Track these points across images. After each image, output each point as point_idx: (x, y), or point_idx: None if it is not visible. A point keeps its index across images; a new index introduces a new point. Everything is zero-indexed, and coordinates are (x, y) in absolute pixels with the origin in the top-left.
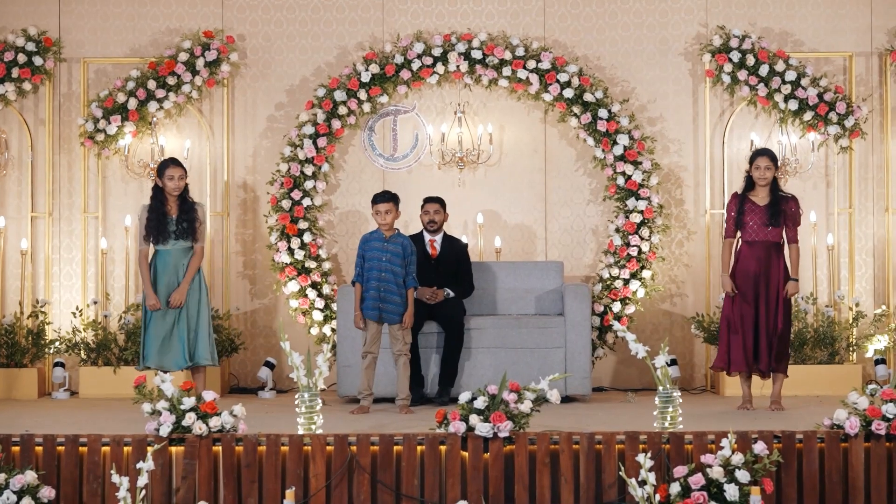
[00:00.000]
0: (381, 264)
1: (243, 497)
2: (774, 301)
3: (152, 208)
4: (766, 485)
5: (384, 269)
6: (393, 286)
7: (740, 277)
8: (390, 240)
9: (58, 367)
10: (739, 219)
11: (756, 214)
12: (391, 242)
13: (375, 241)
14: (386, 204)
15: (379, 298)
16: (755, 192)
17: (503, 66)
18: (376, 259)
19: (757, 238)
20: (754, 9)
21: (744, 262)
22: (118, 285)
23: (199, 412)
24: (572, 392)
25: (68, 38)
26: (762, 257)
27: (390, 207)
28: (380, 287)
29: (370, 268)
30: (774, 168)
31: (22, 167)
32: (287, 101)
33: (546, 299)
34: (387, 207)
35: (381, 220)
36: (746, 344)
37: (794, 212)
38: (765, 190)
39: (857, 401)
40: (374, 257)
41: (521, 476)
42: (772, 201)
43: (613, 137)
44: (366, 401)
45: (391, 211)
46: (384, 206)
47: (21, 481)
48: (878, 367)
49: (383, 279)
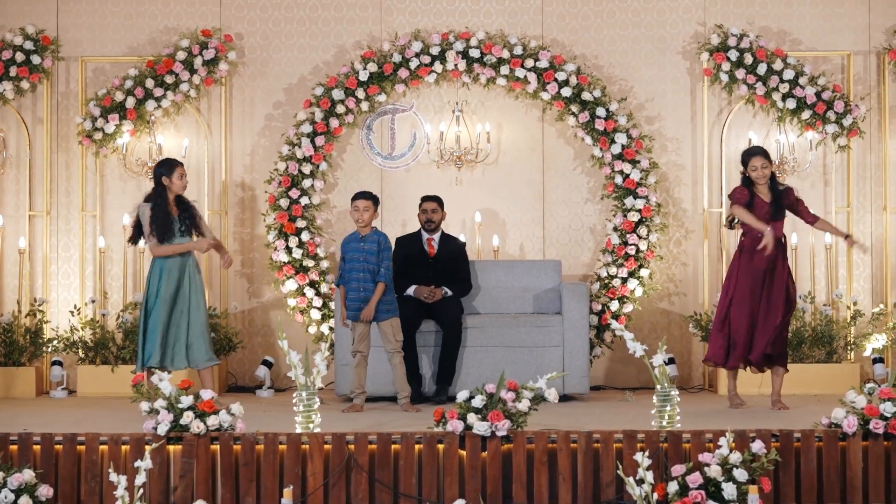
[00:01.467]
0: (359, 264)
1: (241, 496)
2: (777, 295)
3: (157, 206)
4: (763, 484)
5: (361, 269)
6: (371, 284)
7: (745, 271)
8: (366, 238)
9: (56, 366)
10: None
11: (762, 209)
12: (366, 241)
13: (353, 242)
14: (365, 201)
15: (359, 298)
16: (757, 190)
17: (501, 64)
18: (355, 259)
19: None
20: (752, 8)
21: (748, 256)
22: (116, 284)
23: (197, 411)
24: (570, 391)
25: (66, 36)
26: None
27: (368, 205)
28: (359, 287)
29: (350, 269)
30: (770, 164)
31: (20, 166)
32: (285, 99)
33: (544, 298)
34: (365, 204)
35: (358, 217)
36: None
37: (793, 199)
38: (765, 187)
39: (854, 400)
40: (353, 258)
41: (519, 475)
42: (773, 197)
43: (611, 136)
44: (358, 399)
45: (369, 209)
46: (363, 203)
47: (19, 480)
48: (875, 366)
49: (361, 279)
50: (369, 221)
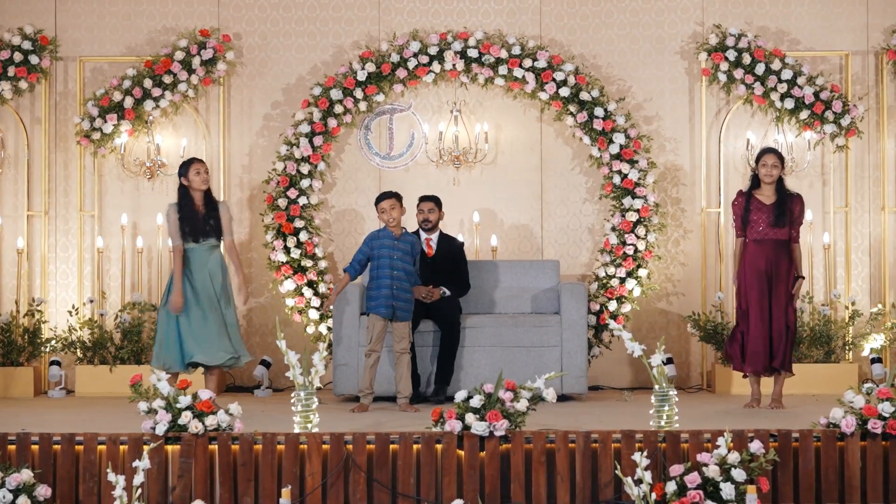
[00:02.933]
0: (394, 262)
1: (239, 495)
2: (784, 298)
3: (182, 206)
4: (762, 483)
5: (396, 268)
6: (405, 283)
7: (750, 276)
8: (401, 238)
9: (54, 366)
10: (746, 216)
11: (763, 213)
12: (401, 241)
13: (386, 240)
14: (389, 200)
15: (392, 297)
16: (761, 191)
17: (499, 64)
18: (387, 257)
19: (766, 237)
20: (750, 7)
21: (753, 260)
22: (114, 284)
23: (196, 411)
24: (568, 391)
25: (64, 36)
26: (771, 256)
27: (394, 203)
28: (392, 285)
29: (381, 265)
30: (781, 166)
31: (18, 166)
32: (283, 99)
33: (542, 298)
34: (391, 203)
35: (388, 218)
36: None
37: (797, 214)
38: (770, 188)
39: (853, 399)
40: (385, 255)
41: (518, 475)
42: (778, 200)
43: (610, 136)
44: (366, 399)
45: (395, 207)
46: (388, 203)
47: (17, 480)
48: (874, 366)
49: (396, 277)
50: (399, 220)
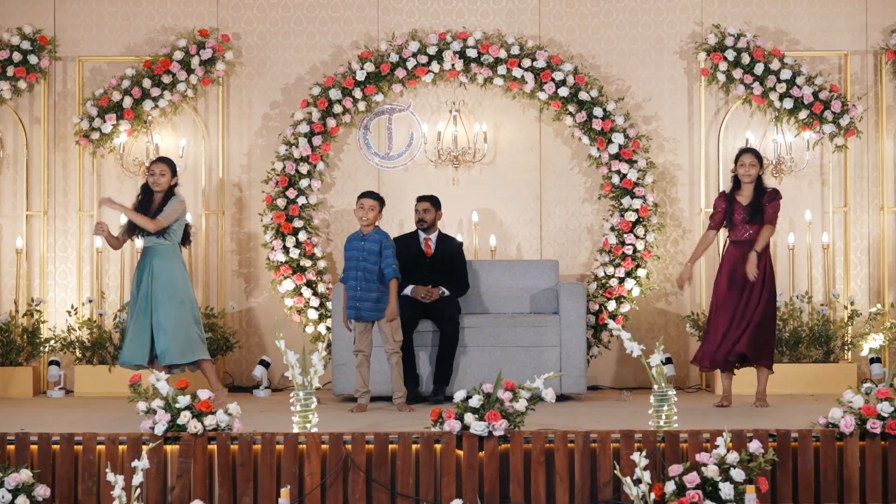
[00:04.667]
0: (358, 263)
1: (238, 495)
2: (757, 296)
3: (138, 201)
4: (761, 483)
5: (359, 268)
6: (366, 283)
7: (727, 277)
8: (367, 237)
9: (53, 366)
10: (729, 218)
11: (740, 213)
12: (368, 240)
13: (354, 241)
14: (371, 200)
15: (355, 297)
16: (741, 192)
17: (498, 64)
18: (355, 259)
19: (741, 237)
20: (749, 7)
21: (730, 261)
22: (113, 284)
23: (195, 410)
24: (567, 391)
25: (63, 36)
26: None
27: (374, 205)
28: (356, 286)
29: (349, 267)
30: (759, 166)
31: (17, 166)
32: (282, 99)
33: (541, 298)
34: (371, 203)
35: (362, 216)
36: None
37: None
38: (749, 188)
39: (852, 399)
40: (352, 256)
41: (517, 475)
42: (755, 198)
43: (608, 136)
44: (363, 399)
45: (374, 209)
46: (368, 202)
47: (16, 480)
48: (873, 366)
49: (358, 277)
50: (373, 221)
